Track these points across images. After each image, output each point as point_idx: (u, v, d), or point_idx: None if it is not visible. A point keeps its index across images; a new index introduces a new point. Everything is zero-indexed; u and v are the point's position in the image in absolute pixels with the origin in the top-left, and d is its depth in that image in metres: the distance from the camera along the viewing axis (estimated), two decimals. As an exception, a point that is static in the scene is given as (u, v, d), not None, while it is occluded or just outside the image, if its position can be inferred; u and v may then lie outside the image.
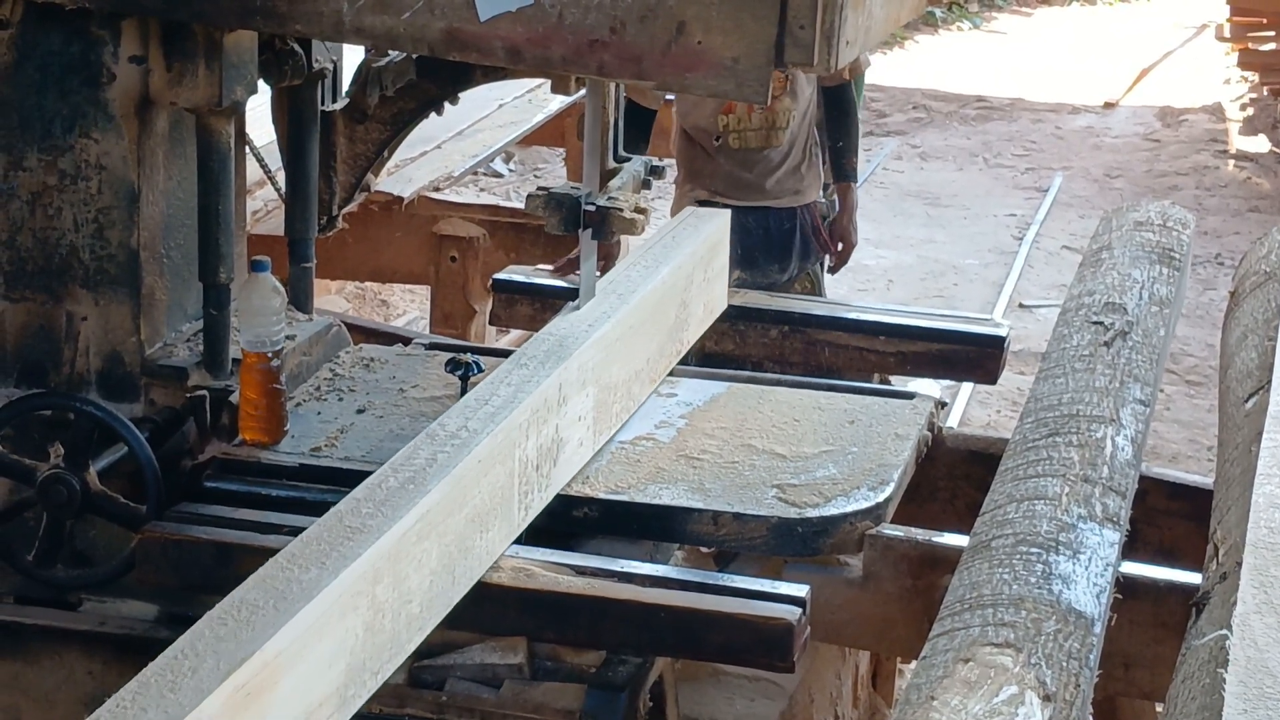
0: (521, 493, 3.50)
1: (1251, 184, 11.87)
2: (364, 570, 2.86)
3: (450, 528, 3.17)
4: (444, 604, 3.19)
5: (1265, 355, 4.14)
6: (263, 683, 2.58)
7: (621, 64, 3.31)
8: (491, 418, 3.39)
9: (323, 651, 2.75)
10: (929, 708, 2.71)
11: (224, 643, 2.59)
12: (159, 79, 3.78)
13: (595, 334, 3.86)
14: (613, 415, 3.98)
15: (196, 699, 2.45)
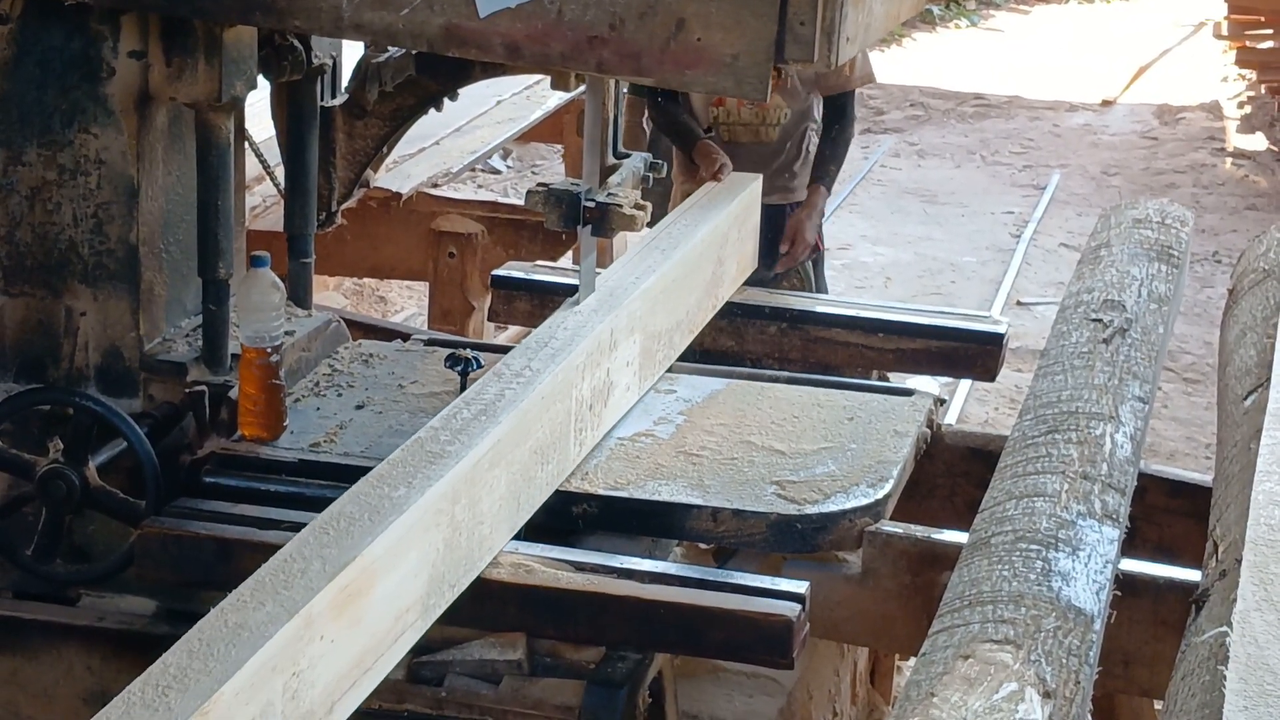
0: (577, 429, 3.77)
1: (1249, 182, 11.87)
2: (445, 491, 3.15)
3: (516, 458, 3.45)
4: (509, 529, 3.48)
5: (1264, 353, 4.14)
6: (362, 586, 2.88)
7: (621, 60, 3.31)
8: (552, 358, 3.66)
9: (410, 561, 3.05)
10: (929, 704, 2.71)
11: (327, 549, 2.88)
12: (159, 74, 3.78)
13: (642, 285, 4.11)
14: (656, 362, 4.27)
15: (307, 596, 2.73)
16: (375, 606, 2.94)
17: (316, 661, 2.76)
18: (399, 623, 3.04)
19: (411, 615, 3.09)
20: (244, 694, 2.55)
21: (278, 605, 2.71)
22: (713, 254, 4.60)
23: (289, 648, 2.68)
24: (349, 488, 3.17)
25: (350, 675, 2.89)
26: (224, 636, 2.62)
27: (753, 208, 5.00)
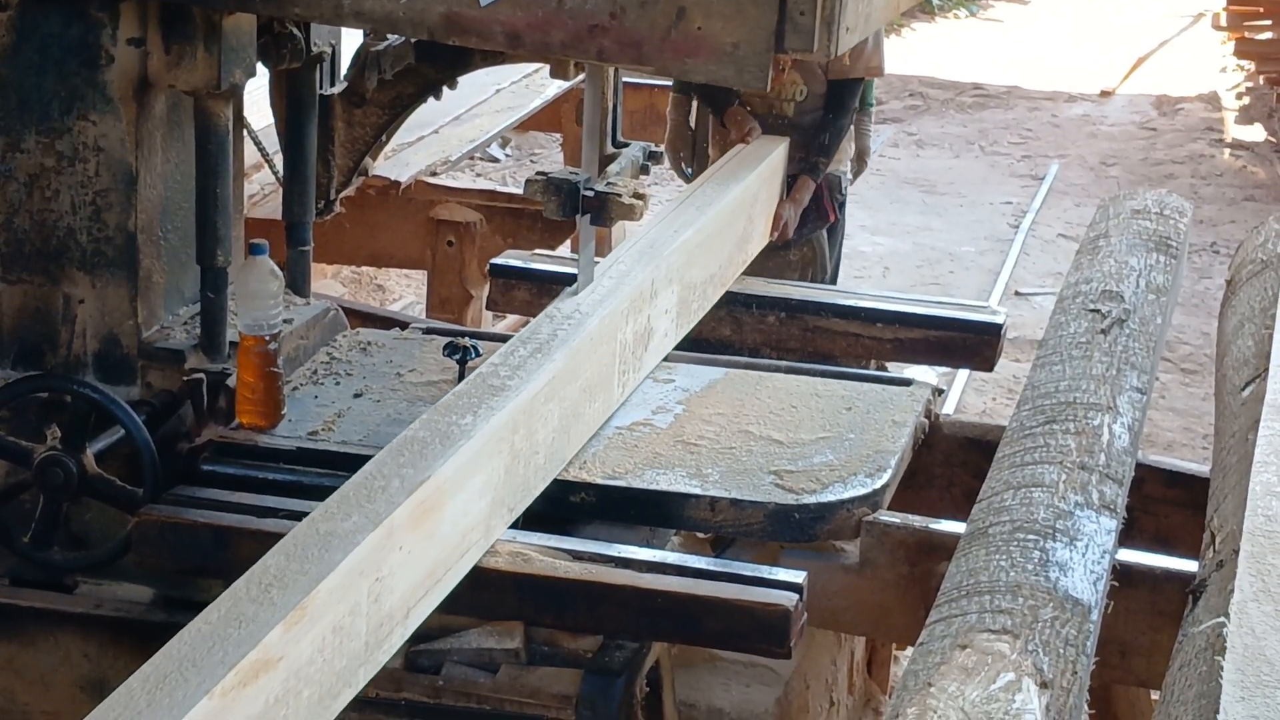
0: (620, 371, 4.04)
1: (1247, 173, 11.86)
2: (506, 421, 3.42)
3: (568, 394, 3.72)
4: (560, 460, 3.76)
5: (1262, 343, 4.14)
6: (434, 503, 3.16)
7: (621, 49, 3.31)
8: (600, 303, 3.93)
9: (475, 484, 3.32)
10: (926, 694, 2.72)
11: (404, 469, 3.16)
12: (157, 61, 3.78)
13: (680, 238, 4.35)
14: (692, 312, 4.52)
15: (389, 509, 3.02)
16: (446, 523, 3.22)
17: (396, 569, 3.04)
18: (465, 540, 3.32)
19: (475, 535, 3.36)
20: (335, 593, 2.82)
21: (363, 516, 3.00)
22: (744, 212, 4.90)
23: (373, 555, 2.95)
24: (347, 476, 3.18)
25: (423, 585, 3.16)
26: (316, 542, 2.90)
27: (778, 171, 5.29)
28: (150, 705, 2.48)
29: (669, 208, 4.60)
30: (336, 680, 2.86)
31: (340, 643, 2.86)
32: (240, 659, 2.57)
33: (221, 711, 2.53)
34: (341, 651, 2.86)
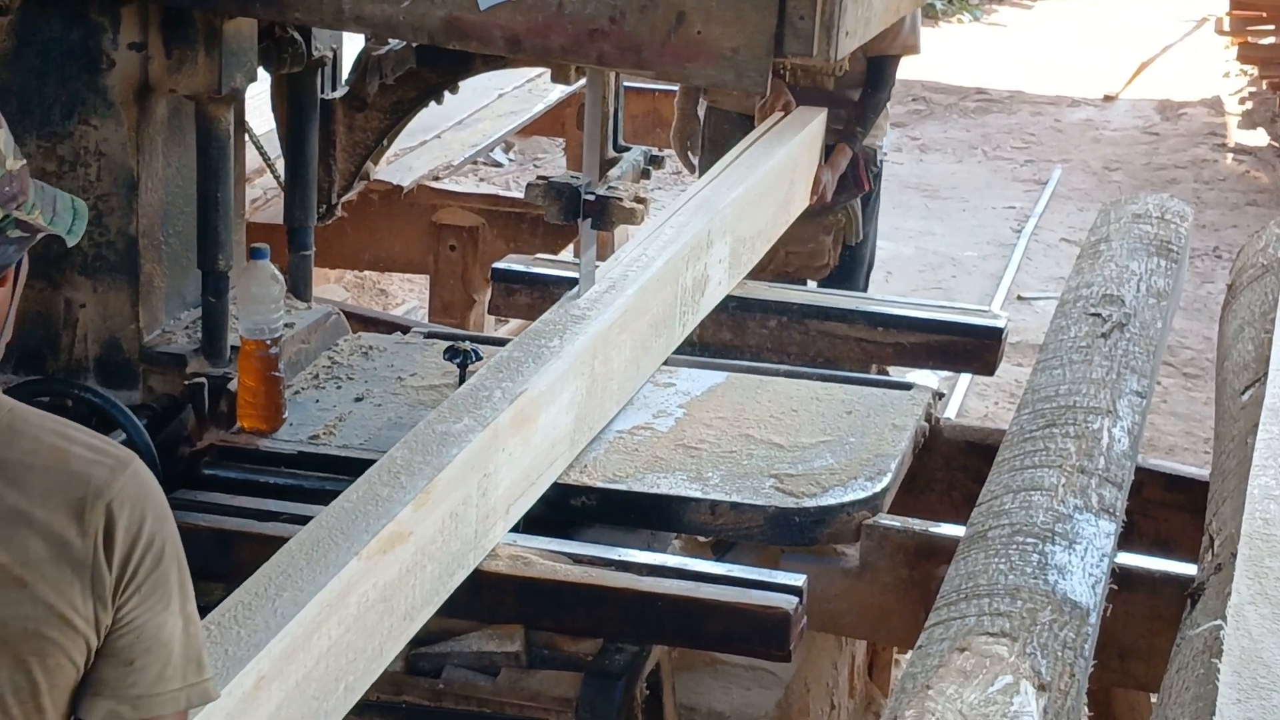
0: (680, 312, 4.38)
1: (1250, 178, 11.86)
2: (587, 346, 3.81)
3: (638, 328, 4.10)
4: (631, 388, 4.15)
5: (1262, 348, 4.15)
6: (530, 413, 3.56)
7: (621, 53, 3.31)
8: (664, 249, 4.28)
9: (563, 400, 3.70)
10: (925, 697, 2.72)
11: (504, 382, 3.57)
12: (158, 66, 3.78)
13: (732, 195, 4.69)
14: (742, 264, 4.88)
15: (494, 414, 3.43)
16: (539, 432, 3.61)
17: (500, 468, 3.44)
18: (554, 450, 3.71)
19: (561, 447, 3.75)
20: (452, 483, 3.22)
21: (473, 420, 3.40)
22: (786, 175, 5.25)
23: (481, 453, 3.34)
24: (349, 480, 3.18)
25: (520, 485, 3.56)
26: (434, 440, 3.32)
27: (818, 138, 5.56)
28: (309, 564, 2.89)
29: (719, 168, 5.00)
30: (452, 560, 3.28)
31: (456, 527, 3.27)
32: (381, 529, 2.99)
33: (366, 572, 2.93)
34: (456, 535, 3.28)
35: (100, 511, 1.99)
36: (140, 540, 2.01)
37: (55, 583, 1.96)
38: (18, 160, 2.05)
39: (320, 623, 2.79)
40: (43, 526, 1.97)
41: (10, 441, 2.00)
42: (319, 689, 2.80)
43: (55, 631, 1.96)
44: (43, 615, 1.96)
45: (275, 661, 2.65)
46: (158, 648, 2.02)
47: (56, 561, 1.96)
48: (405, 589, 3.09)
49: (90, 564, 1.98)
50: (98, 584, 1.98)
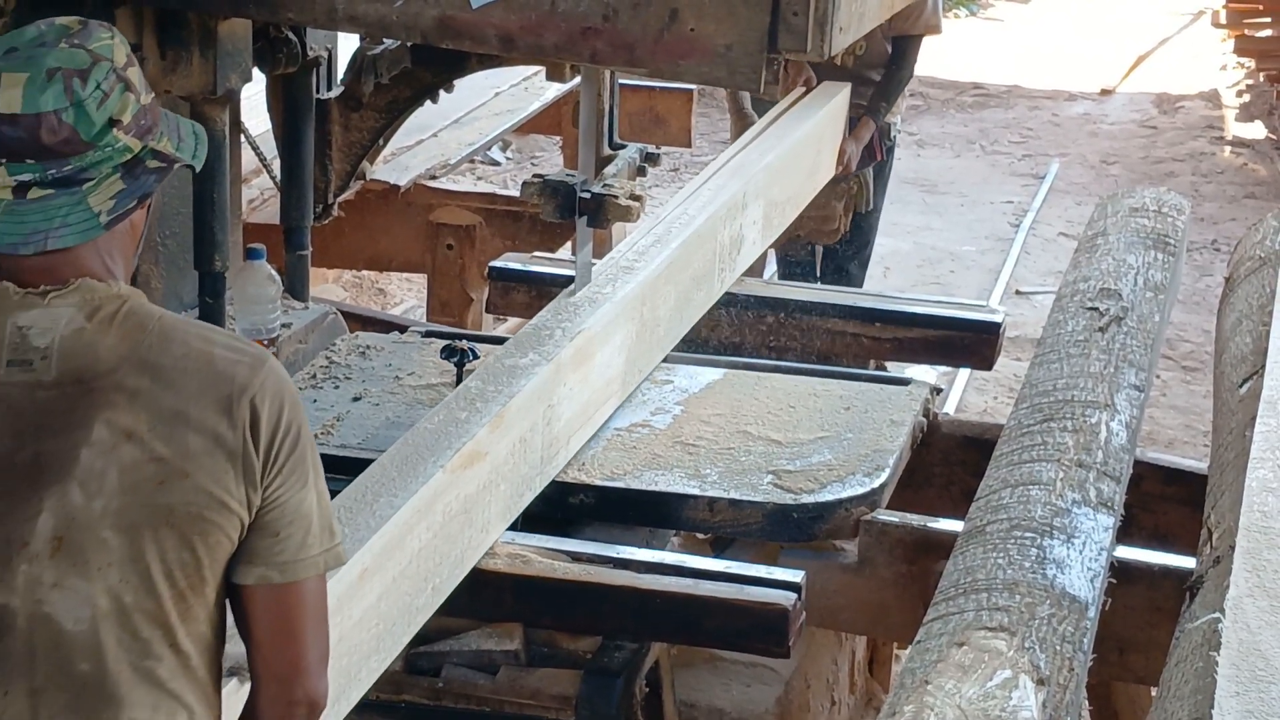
0: (718, 268, 4.68)
1: (1248, 170, 11.85)
2: (636, 293, 4.11)
3: (681, 279, 4.40)
4: (674, 336, 4.44)
5: (1259, 340, 4.14)
6: (588, 351, 3.88)
7: (614, 51, 3.31)
8: (703, 208, 4.59)
9: (616, 341, 4.04)
10: (923, 692, 2.72)
11: (563, 323, 3.89)
12: (153, 67, 3.77)
13: (764, 161, 5.01)
14: (773, 227, 5.18)
15: (557, 350, 3.76)
16: (595, 370, 3.93)
17: (562, 400, 3.75)
18: (607, 388, 4.02)
19: (614, 386, 4.08)
20: (522, 410, 3.54)
21: (538, 355, 3.72)
22: (813, 146, 5.57)
23: (546, 385, 3.66)
24: (347, 480, 3.18)
25: (579, 418, 3.88)
26: (504, 372, 3.63)
27: (842, 111, 5.91)
28: (400, 475, 3.20)
29: (749, 137, 5.36)
30: (521, 482, 3.60)
31: (524, 452, 3.58)
32: (462, 446, 3.31)
33: (450, 485, 3.25)
34: (525, 459, 3.60)
35: (246, 406, 2.25)
36: (280, 428, 2.27)
37: (212, 472, 2.22)
38: (149, 94, 2.30)
39: (412, 526, 3.11)
40: (198, 423, 2.22)
41: (164, 348, 2.24)
42: (411, 586, 3.14)
43: (214, 513, 2.23)
44: (204, 501, 2.22)
45: (376, 557, 2.97)
46: (299, 519, 2.29)
47: (212, 453, 2.22)
48: (482, 504, 3.41)
49: (241, 453, 2.23)
50: (248, 470, 2.24)
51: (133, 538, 2.20)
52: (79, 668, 2.20)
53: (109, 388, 2.21)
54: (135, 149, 2.27)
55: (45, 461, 2.19)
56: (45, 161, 2.20)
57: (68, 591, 2.19)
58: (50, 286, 2.23)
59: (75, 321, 2.22)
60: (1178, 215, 5.16)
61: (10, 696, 2.19)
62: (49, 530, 2.18)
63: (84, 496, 2.18)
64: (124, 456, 2.19)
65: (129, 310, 2.25)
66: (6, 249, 2.22)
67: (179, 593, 2.23)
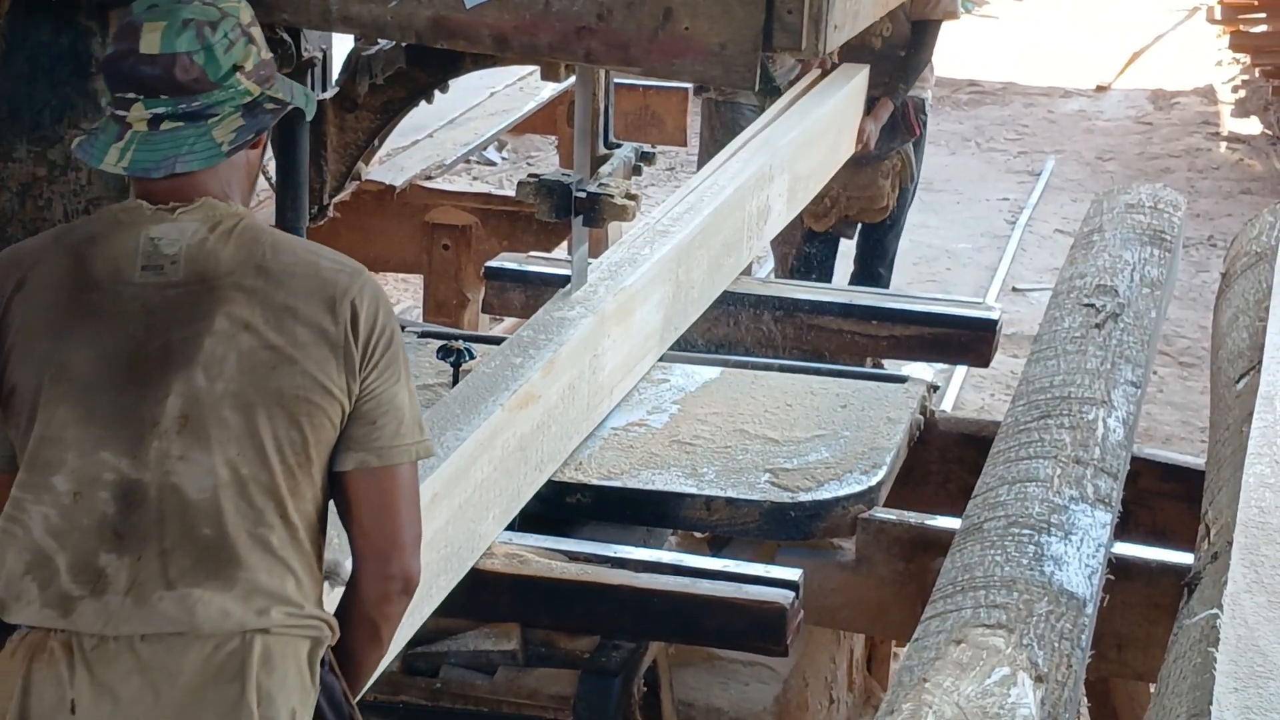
0: (747, 236, 4.96)
1: (1243, 166, 11.85)
2: (672, 255, 4.39)
3: (713, 244, 4.68)
4: (707, 298, 4.72)
5: (1256, 336, 4.14)
6: (629, 308, 4.16)
7: (609, 50, 3.30)
8: (732, 179, 4.87)
9: (654, 300, 4.29)
10: (921, 689, 2.72)
11: (604, 282, 4.14)
12: (148, 69, 3.77)
13: (789, 136, 5.32)
14: (797, 200, 5.47)
15: (600, 305, 4.01)
16: (635, 325, 4.20)
17: (605, 351, 4.03)
18: (646, 343, 4.31)
19: (651, 342, 4.34)
20: (570, 358, 3.83)
21: (584, 308, 4.00)
22: (835, 123, 5.88)
23: (591, 336, 3.94)
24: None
25: (620, 370, 4.15)
26: (553, 324, 3.90)
27: (861, 91, 6.19)
28: (464, 412, 3.46)
29: (773, 113, 5.67)
30: (570, 426, 3.87)
31: (573, 398, 3.85)
32: (519, 387, 3.59)
33: (507, 423, 3.52)
34: (573, 404, 3.86)
35: (346, 307, 2.54)
36: (376, 328, 2.56)
37: (317, 360, 2.51)
38: (266, 52, 2.68)
39: (475, 458, 3.36)
40: (305, 318, 2.52)
41: (275, 256, 2.56)
42: (474, 514, 3.38)
43: (319, 397, 2.52)
44: (310, 385, 2.51)
45: (445, 483, 3.21)
46: (393, 411, 2.57)
47: (318, 344, 2.52)
48: (536, 443, 3.67)
49: (342, 346, 2.53)
50: (348, 361, 2.53)
51: (248, 416, 2.49)
52: (202, 532, 2.48)
53: (228, 286, 2.52)
54: (254, 93, 2.59)
55: (173, 349, 2.50)
56: (177, 97, 2.54)
57: (192, 464, 2.48)
58: (178, 204, 2.56)
59: (199, 233, 2.55)
60: (1174, 211, 5.15)
61: (144, 559, 2.48)
62: (176, 410, 2.49)
63: (207, 379, 2.49)
64: (241, 344, 2.50)
65: (245, 225, 2.58)
66: (139, 173, 2.54)
67: (288, 468, 2.51)
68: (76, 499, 2.50)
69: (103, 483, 2.49)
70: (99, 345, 2.52)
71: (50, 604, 2.49)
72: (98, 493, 2.49)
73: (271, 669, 2.50)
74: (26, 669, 2.50)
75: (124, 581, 2.48)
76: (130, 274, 2.54)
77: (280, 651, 2.51)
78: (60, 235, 2.64)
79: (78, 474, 2.50)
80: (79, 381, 2.52)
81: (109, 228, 2.59)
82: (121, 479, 2.49)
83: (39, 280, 2.57)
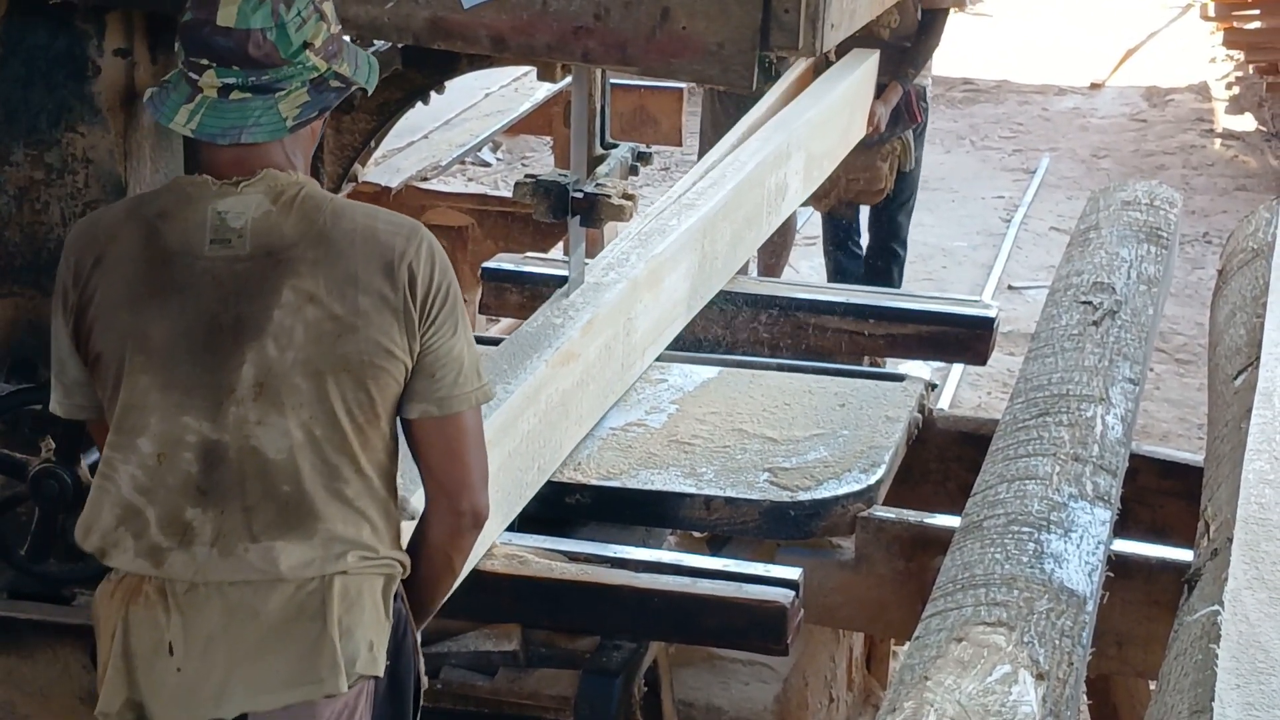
0: (766, 212, 5.17)
1: (1238, 162, 11.85)
2: (698, 227, 4.57)
3: (736, 217, 4.87)
4: (730, 269, 4.93)
5: (1253, 332, 4.14)
6: (659, 274, 4.34)
7: (606, 50, 3.30)
8: (753, 155, 5.06)
9: (681, 268, 4.48)
10: (923, 688, 2.72)
11: (635, 251, 4.35)
12: (144, 71, 3.77)
13: (804, 116, 5.51)
14: (813, 179, 5.70)
15: (633, 272, 4.21)
16: (664, 292, 4.37)
17: (637, 316, 4.21)
18: (674, 310, 4.48)
19: (679, 309, 4.52)
20: (607, 320, 4.01)
21: (618, 274, 4.18)
22: (847, 107, 6.09)
23: (625, 300, 4.13)
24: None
25: (650, 334, 4.34)
26: (590, 288, 4.09)
27: (872, 76, 6.39)
28: (510, 367, 3.63)
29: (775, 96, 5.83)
30: (606, 385, 4.09)
31: (608, 358, 4.06)
32: (561, 344, 3.78)
33: (550, 379, 3.70)
34: (609, 363, 4.08)
35: (404, 270, 2.70)
36: (433, 287, 2.73)
37: (380, 326, 2.69)
38: (337, 25, 2.78)
39: (522, 410, 3.53)
40: (366, 286, 2.69)
41: (335, 224, 2.71)
42: (521, 463, 3.55)
43: (382, 360, 2.70)
44: (373, 350, 2.69)
45: (495, 432, 3.30)
46: (451, 362, 2.75)
47: (379, 310, 2.69)
48: (576, 399, 3.86)
49: (402, 310, 2.70)
50: (408, 323, 2.70)
51: (318, 382, 2.68)
52: (282, 489, 2.69)
53: (293, 258, 2.68)
54: (321, 69, 2.73)
55: (245, 321, 2.68)
56: (248, 70, 2.67)
57: (269, 427, 2.68)
58: (241, 177, 2.71)
59: (263, 205, 2.70)
60: (1170, 208, 5.16)
61: (227, 514, 2.69)
62: (251, 378, 2.68)
63: (278, 349, 2.67)
64: (308, 315, 2.67)
65: (306, 195, 2.72)
66: (205, 137, 2.70)
67: (358, 426, 2.70)
68: (161, 460, 2.71)
69: (186, 444, 2.70)
70: (176, 318, 2.70)
71: (143, 554, 2.73)
72: (181, 454, 2.70)
73: (350, 605, 2.72)
74: (125, 611, 2.78)
75: (209, 534, 2.70)
76: (200, 248, 2.70)
77: (357, 589, 2.72)
78: (134, 209, 2.81)
79: (161, 437, 2.71)
80: (159, 352, 2.70)
81: (179, 202, 2.74)
82: (203, 441, 2.69)
83: (117, 254, 2.74)
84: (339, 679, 2.71)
